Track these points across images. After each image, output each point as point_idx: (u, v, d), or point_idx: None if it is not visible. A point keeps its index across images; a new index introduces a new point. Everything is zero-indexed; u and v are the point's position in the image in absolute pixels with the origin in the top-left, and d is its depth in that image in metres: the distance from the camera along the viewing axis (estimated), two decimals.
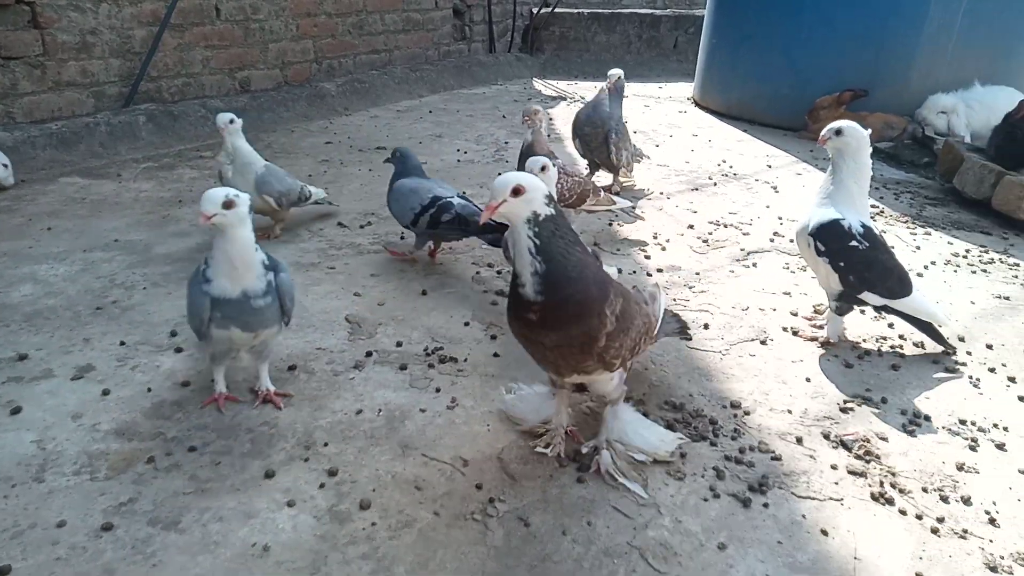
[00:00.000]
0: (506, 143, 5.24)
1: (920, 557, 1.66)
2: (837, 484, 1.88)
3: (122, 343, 2.39)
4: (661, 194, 4.21)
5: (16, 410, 2.02)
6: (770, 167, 4.87)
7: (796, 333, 2.63)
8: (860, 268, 2.38)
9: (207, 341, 1.99)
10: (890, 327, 2.69)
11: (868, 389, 2.29)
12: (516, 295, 1.64)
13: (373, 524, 1.69)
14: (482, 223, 1.62)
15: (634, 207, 3.48)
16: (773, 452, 1.98)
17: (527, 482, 1.84)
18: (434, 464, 1.89)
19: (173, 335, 2.45)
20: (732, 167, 4.83)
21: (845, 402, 2.22)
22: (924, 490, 1.87)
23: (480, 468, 1.88)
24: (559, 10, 8.92)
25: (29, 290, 2.74)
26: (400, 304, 2.75)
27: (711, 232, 3.63)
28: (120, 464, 1.85)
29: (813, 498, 1.83)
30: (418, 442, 1.98)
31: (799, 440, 2.04)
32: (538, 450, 1.94)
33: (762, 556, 1.65)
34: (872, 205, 4.12)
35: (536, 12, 8.93)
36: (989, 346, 2.59)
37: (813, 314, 2.76)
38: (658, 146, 5.33)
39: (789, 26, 5.80)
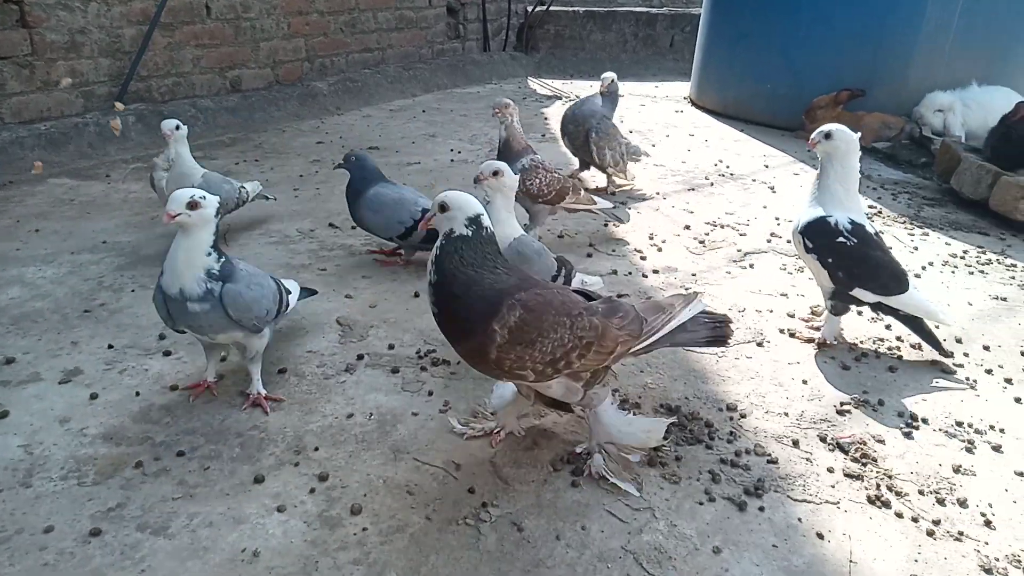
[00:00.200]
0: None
1: (916, 560, 1.65)
2: (833, 487, 1.87)
3: (110, 346, 2.36)
4: (658, 194, 4.19)
5: (3, 414, 2.00)
6: (767, 167, 4.85)
7: (793, 335, 2.61)
8: (848, 264, 2.36)
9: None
10: (887, 328, 2.68)
11: (865, 391, 2.28)
12: None
13: (364, 529, 1.67)
14: (421, 229, 1.75)
15: (615, 208, 3.39)
16: (769, 455, 1.96)
17: (520, 486, 1.82)
18: (426, 468, 1.87)
19: (161, 338, 2.42)
20: (729, 167, 4.82)
21: (842, 404, 2.20)
22: (920, 492, 1.86)
23: (473, 472, 1.86)
24: (554, 8, 8.90)
25: (16, 293, 2.71)
26: (392, 306, 2.72)
27: (708, 233, 3.62)
28: (108, 469, 1.82)
29: (809, 501, 1.81)
30: (410, 446, 1.95)
31: (795, 443, 2.02)
32: (455, 426, 2.02)
33: (757, 560, 1.63)
34: (870, 205, 4.11)
35: (531, 10, 8.91)
36: (986, 347, 2.58)
37: (810, 315, 2.74)
38: (654, 146, 5.31)
39: (786, 25, 5.79)
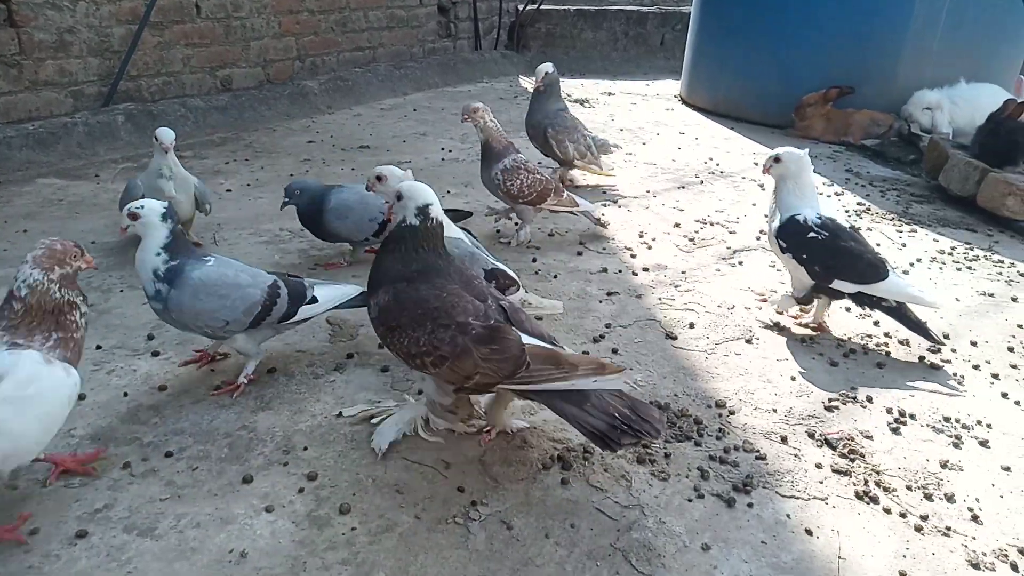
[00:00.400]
0: None
1: (904, 555, 1.66)
2: (822, 483, 1.88)
3: (98, 347, 2.34)
4: (648, 192, 4.19)
5: None
6: (757, 165, 4.86)
7: (782, 329, 2.63)
8: (823, 257, 2.43)
9: None
10: (875, 324, 2.69)
11: (853, 387, 2.29)
12: None
13: (353, 529, 1.66)
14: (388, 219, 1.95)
15: (595, 210, 3.40)
16: (758, 451, 1.97)
17: (510, 485, 1.82)
18: (415, 467, 1.87)
19: (150, 339, 2.41)
20: (719, 165, 4.83)
21: (830, 400, 2.21)
22: (908, 488, 1.87)
23: (462, 471, 1.86)
24: (545, 7, 8.89)
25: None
26: None
27: (697, 231, 3.62)
28: (95, 470, 1.81)
29: (798, 497, 1.82)
30: (399, 445, 1.95)
31: (784, 439, 2.03)
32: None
33: (746, 556, 1.63)
34: (858, 202, 4.13)
35: (522, 9, 8.90)
36: (973, 343, 2.60)
37: (799, 312, 2.75)
38: (645, 144, 5.32)
39: (776, 23, 5.81)
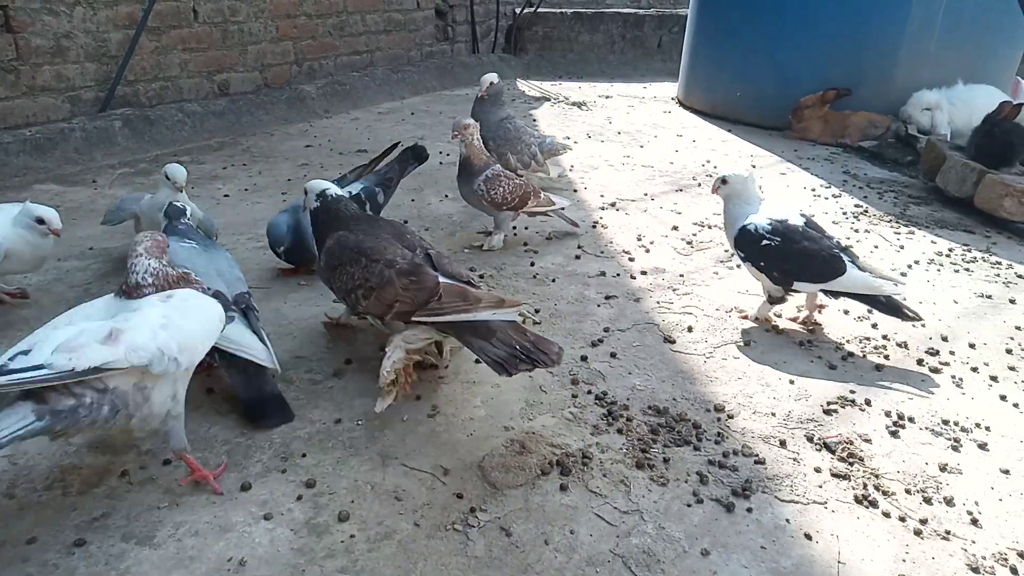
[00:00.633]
0: None
1: (903, 559, 1.66)
2: (821, 487, 1.88)
3: None
4: (645, 195, 4.19)
5: None
6: (754, 167, 4.87)
7: (780, 332, 2.63)
8: (778, 262, 2.52)
9: None
10: (874, 327, 2.69)
11: (852, 391, 2.29)
12: None
13: (352, 536, 1.66)
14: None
15: (564, 208, 3.40)
16: (757, 456, 1.97)
17: (509, 491, 1.82)
18: (414, 474, 1.87)
19: None
20: (717, 167, 4.82)
21: (829, 404, 2.21)
22: (907, 492, 1.87)
23: (461, 477, 1.86)
24: (542, 10, 8.89)
25: None
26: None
27: (695, 234, 3.62)
28: (93, 478, 1.81)
29: (797, 502, 1.82)
30: (398, 451, 1.95)
31: (783, 443, 2.03)
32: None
33: (746, 562, 1.63)
34: (856, 204, 4.14)
35: (519, 12, 8.90)
36: (972, 345, 2.60)
37: (796, 315, 2.75)
38: (642, 147, 5.32)
39: (772, 25, 5.82)
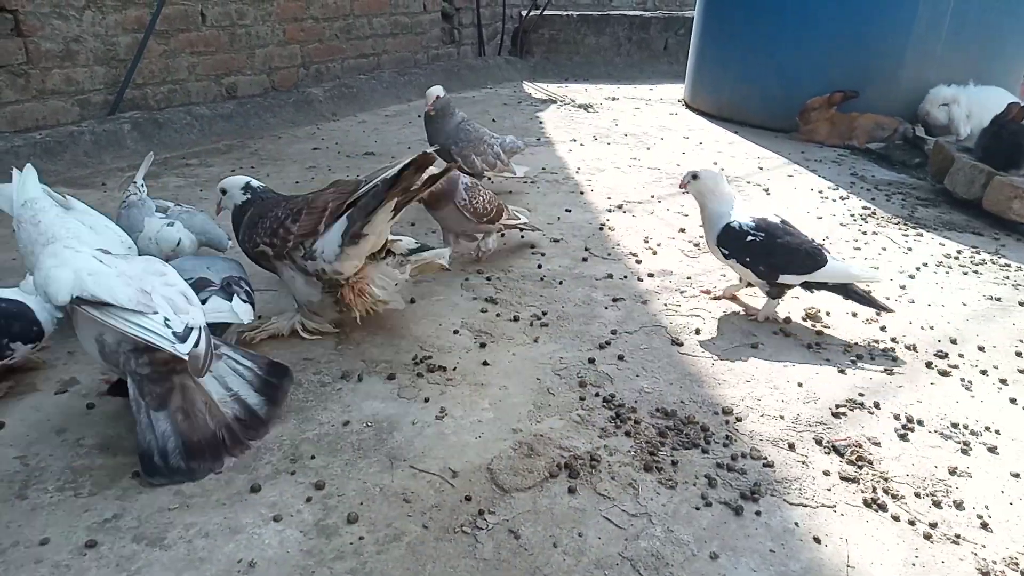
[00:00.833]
0: None
1: (913, 564, 1.65)
2: (830, 490, 1.87)
3: None
4: (652, 197, 4.20)
5: None
6: (761, 169, 4.87)
7: (788, 335, 2.62)
8: (764, 257, 2.58)
9: None
10: (882, 330, 2.69)
11: (861, 394, 2.28)
12: None
13: (361, 538, 1.66)
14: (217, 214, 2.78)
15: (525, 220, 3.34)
16: (765, 459, 1.97)
17: (517, 493, 1.82)
18: (423, 476, 1.87)
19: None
20: (723, 169, 4.82)
21: (837, 407, 2.21)
22: (917, 495, 1.86)
23: (469, 479, 1.86)
24: (548, 12, 8.91)
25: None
26: (388, 312, 2.71)
27: (702, 236, 3.61)
28: (104, 480, 1.81)
29: (806, 505, 1.82)
30: (406, 453, 1.95)
31: (791, 446, 2.03)
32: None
33: (754, 565, 1.63)
34: (863, 207, 4.13)
35: (525, 15, 8.92)
36: (981, 348, 2.59)
37: (805, 317, 2.75)
38: (649, 149, 5.32)
39: (778, 27, 5.82)
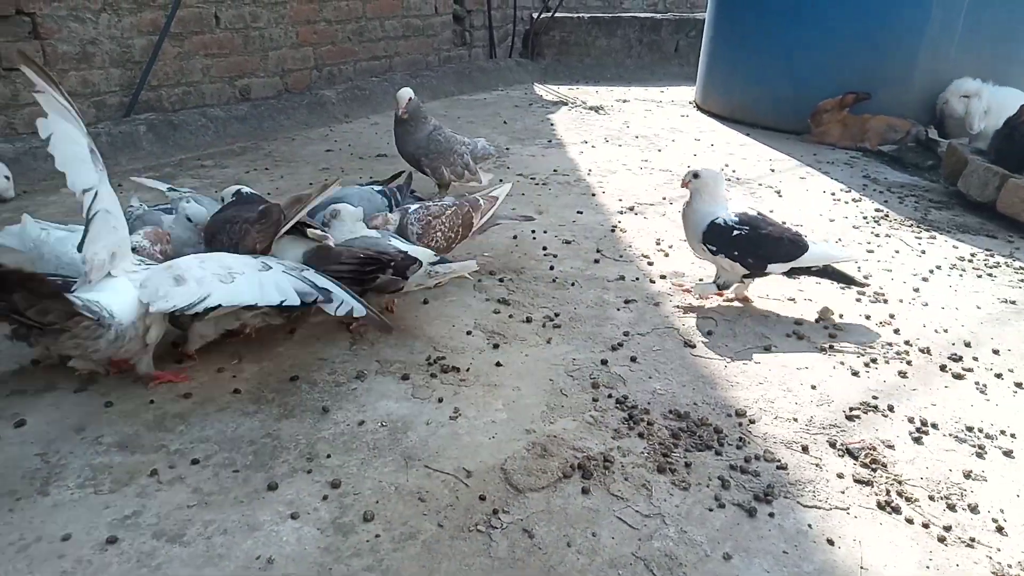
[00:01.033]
0: (507, 149, 5.24)
1: (927, 566, 1.65)
2: (843, 493, 1.87)
3: None
4: (664, 199, 4.20)
5: (20, 423, 2.02)
6: (773, 171, 4.86)
7: (801, 337, 2.62)
8: (752, 249, 2.66)
9: None
10: (895, 333, 2.68)
11: (875, 396, 2.28)
12: None
13: (377, 536, 1.68)
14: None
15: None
16: (779, 461, 1.97)
17: (531, 493, 1.83)
18: (437, 475, 1.89)
19: (175, 346, 2.44)
20: (735, 171, 4.82)
21: (851, 409, 2.21)
22: (931, 498, 1.86)
23: (483, 479, 1.88)
24: (559, 15, 8.92)
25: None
26: (402, 313, 2.74)
27: None
28: (124, 477, 1.84)
29: (819, 507, 1.82)
30: (421, 453, 1.97)
31: (805, 448, 2.03)
32: None
33: (768, 566, 1.63)
34: (876, 209, 4.12)
35: (536, 17, 8.94)
36: (995, 351, 2.58)
37: (819, 319, 2.75)
38: (660, 151, 5.32)
39: (790, 29, 5.81)
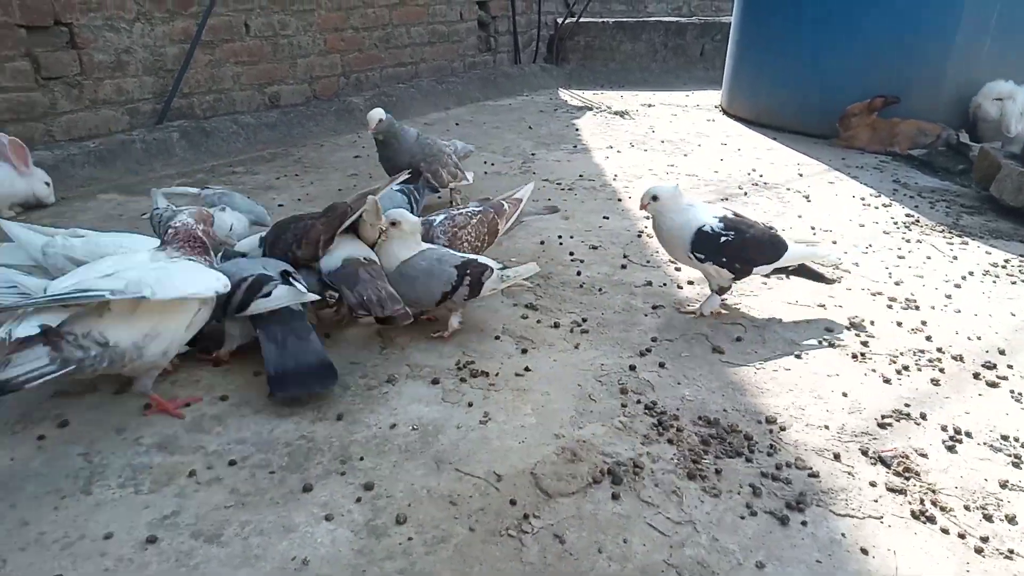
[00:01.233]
0: (532, 154, 5.25)
1: None
2: (876, 501, 1.86)
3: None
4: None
5: (63, 423, 2.08)
6: (801, 176, 4.83)
7: (832, 345, 2.61)
8: (739, 254, 2.67)
9: None
10: (927, 340, 2.65)
11: (907, 404, 2.26)
12: None
13: (409, 539, 1.70)
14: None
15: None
16: (810, 469, 1.96)
17: (561, 498, 1.84)
18: (468, 479, 1.91)
19: (207, 352, 2.49)
20: (762, 176, 4.79)
21: (883, 417, 2.19)
22: (966, 508, 1.84)
23: (514, 483, 1.89)
24: (584, 20, 8.93)
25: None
26: (432, 316, 2.76)
27: None
28: (163, 477, 1.88)
29: (852, 516, 1.81)
30: (451, 457, 1.99)
31: (837, 456, 2.02)
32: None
33: (801, 575, 1.63)
34: (907, 214, 4.07)
35: (561, 22, 8.95)
36: None
37: (849, 326, 2.73)
38: (686, 155, 5.31)
39: (818, 32, 5.74)
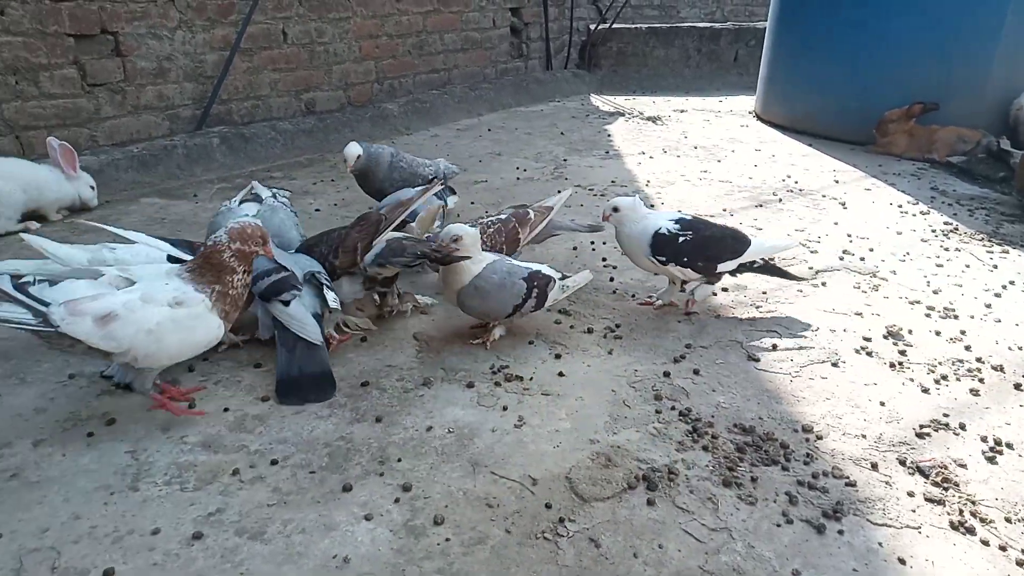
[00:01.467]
0: (565, 160, 5.28)
1: None
2: (914, 511, 1.84)
3: (204, 358, 2.49)
4: (724, 211, 4.17)
5: (111, 421, 2.15)
6: (837, 182, 4.78)
7: (869, 353, 2.58)
8: (699, 253, 2.71)
9: None
10: (967, 350, 2.62)
11: (945, 414, 2.23)
12: None
13: (447, 540, 1.73)
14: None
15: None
16: (847, 478, 1.95)
17: (596, 503, 1.86)
18: (504, 482, 1.93)
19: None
20: (797, 183, 4.76)
21: (921, 427, 2.17)
22: (1007, 520, 1.82)
23: (549, 487, 1.91)
24: (616, 25, 8.94)
25: None
26: (465, 322, 2.79)
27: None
28: (207, 475, 1.94)
29: (889, 525, 1.80)
30: (487, 460, 2.01)
31: (874, 466, 2.00)
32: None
33: None
34: (945, 222, 4.01)
35: (593, 28, 8.97)
36: None
37: (887, 335, 2.70)
38: (720, 161, 5.29)
39: (855, 38, 5.68)
